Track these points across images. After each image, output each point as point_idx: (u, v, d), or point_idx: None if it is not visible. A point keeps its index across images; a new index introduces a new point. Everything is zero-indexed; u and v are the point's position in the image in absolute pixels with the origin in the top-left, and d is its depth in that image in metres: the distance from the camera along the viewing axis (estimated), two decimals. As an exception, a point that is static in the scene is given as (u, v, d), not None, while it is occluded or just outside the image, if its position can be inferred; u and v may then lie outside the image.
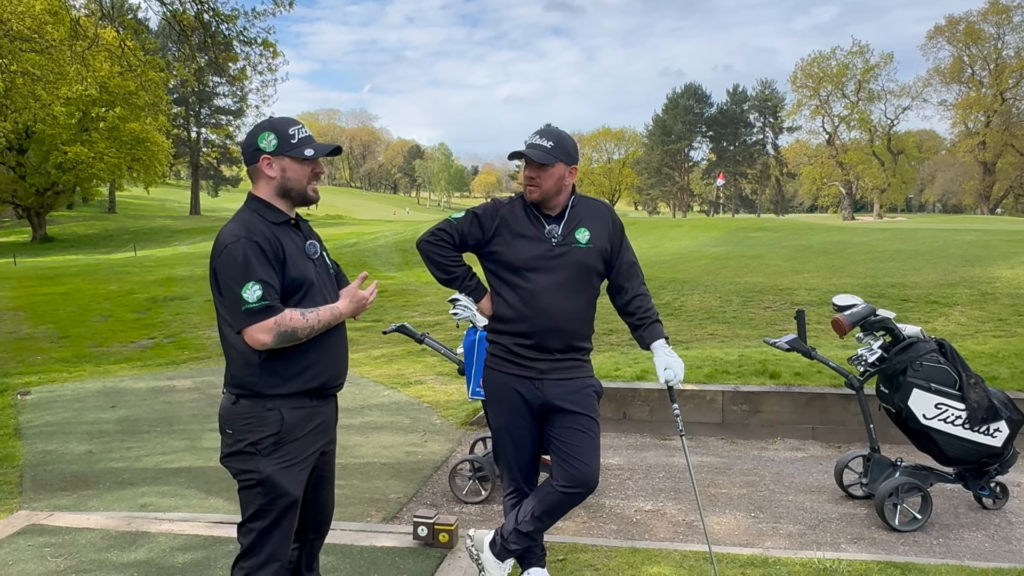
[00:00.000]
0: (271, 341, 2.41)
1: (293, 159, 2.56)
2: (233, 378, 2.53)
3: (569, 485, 3.02)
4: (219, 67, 16.17)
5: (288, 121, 2.60)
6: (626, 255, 3.19)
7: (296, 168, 2.57)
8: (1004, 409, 4.43)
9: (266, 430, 2.48)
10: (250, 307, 2.39)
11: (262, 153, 2.55)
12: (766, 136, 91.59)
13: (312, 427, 2.59)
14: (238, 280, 2.39)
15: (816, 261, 15.53)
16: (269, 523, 2.52)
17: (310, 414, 2.58)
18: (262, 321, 2.40)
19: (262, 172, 2.56)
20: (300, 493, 2.57)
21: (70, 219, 53.08)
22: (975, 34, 60.84)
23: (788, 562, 3.71)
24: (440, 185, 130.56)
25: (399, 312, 12.02)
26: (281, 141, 2.55)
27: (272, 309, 2.41)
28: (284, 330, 2.42)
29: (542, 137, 3.03)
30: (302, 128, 2.60)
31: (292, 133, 2.56)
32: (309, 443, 2.58)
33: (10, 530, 4.14)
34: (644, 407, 6.50)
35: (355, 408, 7.13)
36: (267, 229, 2.49)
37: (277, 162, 2.55)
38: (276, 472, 2.49)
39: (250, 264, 2.40)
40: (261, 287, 2.40)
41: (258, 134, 2.56)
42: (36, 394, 8.04)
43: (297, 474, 2.54)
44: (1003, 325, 8.86)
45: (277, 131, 2.55)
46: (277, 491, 2.49)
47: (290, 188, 2.58)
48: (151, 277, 19.15)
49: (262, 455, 2.49)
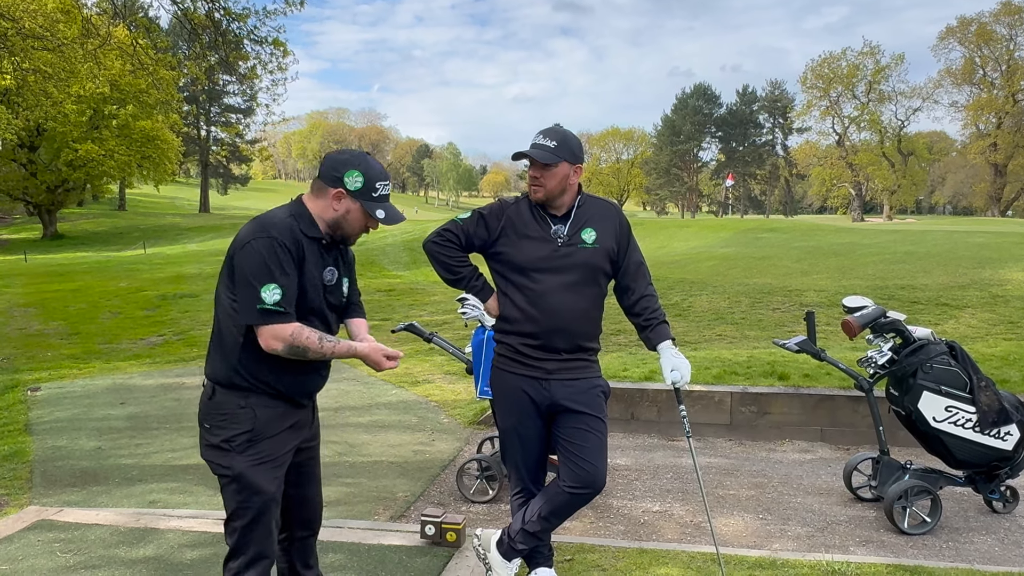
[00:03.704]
0: (281, 349, 2.43)
1: (363, 209, 2.56)
2: (214, 369, 2.55)
3: (576, 485, 3.01)
4: (229, 66, 16.21)
5: (380, 172, 2.58)
6: (633, 255, 3.17)
7: (359, 217, 2.58)
8: (1015, 412, 4.40)
9: (239, 427, 2.50)
10: (265, 307, 2.39)
11: (342, 185, 2.54)
12: (776, 137, 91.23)
13: (286, 425, 2.59)
14: (259, 277, 2.40)
15: (825, 262, 15.48)
16: (249, 520, 2.52)
17: (284, 413, 2.58)
18: (277, 326, 2.41)
19: (329, 198, 2.55)
20: (275, 490, 2.56)
21: (80, 216, 53.33)
22: (987, 35, 60.43)
23: (796, 564, 3.69)
24: (448, 184, 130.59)
25: (407, 311, 12.04)
26: (364, 188, 2.55)
27: (286, 316, 2.43)
28: (297, 345, 2.44)
29: (546, 137, 3.02)
30: (387, 185, 2.61)
31: (378, 187, 2.57)
32: (283, 441, 2.58)
33: (20, 525, 4.17)
34: (652, 408, 6.49)
35: (363, 406, 7.15)
36: (295, 237, 2.49)
37: (348, 202, 2.55)
38: (248, 469, 2.49)
39: (275, 264, 2.41)
40: (280, 292, 2.41)
41: (348, 168, 2.54)
42: (46, 390, 8.09)
43: (271, 471, 2.54)
44: (1014, 328, 8.79)
45: (366, 176, 2.55)
46: (251, 488, 2.50)
47: (342, 227, 2.59)
48: (160, 274, 19.23)
49: (236, 452, 2.50)
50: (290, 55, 16.34)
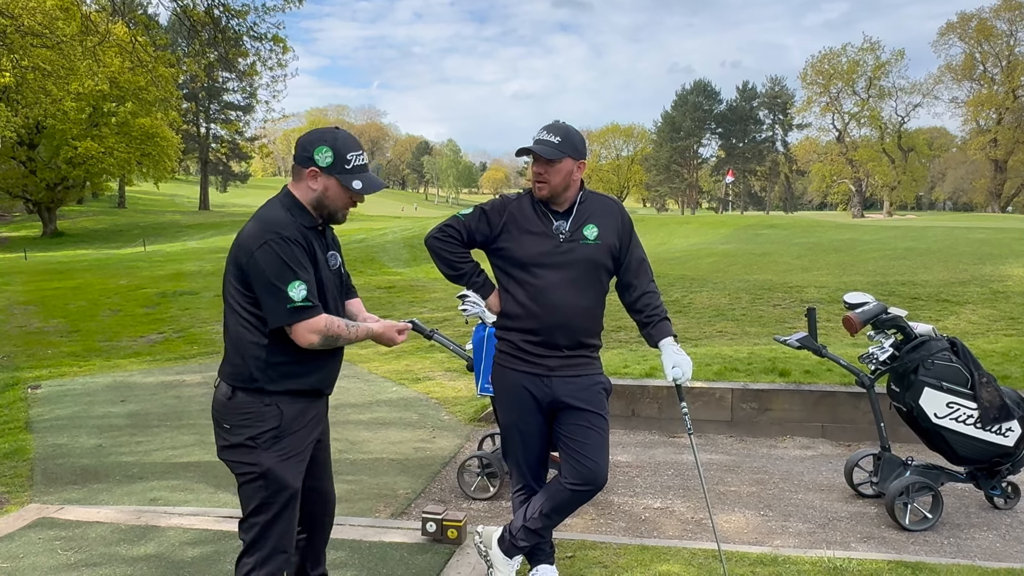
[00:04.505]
0: (318, 342, 2.46)
1: (339, 183, 2.55)
2: (235, 371, 2.54)
3: (578, 482, 3.01)
4: (229, 63, 16.23)
5: (350, 143, 2.57)
6: (635, 252, 3.16)
7: (338, 191, 2.56)
8: (1016, 408, 4.39)
9: (265, 424, 2.51)
10: (296, 305, 2.41)
11: (313, 163, 2.53)
12: (776, 133, 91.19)
13: (308, 420, 2.62)
14: (282, 278, 2.41)
15: (826, 259, 15.47)
16: (272, 516, 2.54)
17: (306, 408, 2.61)
18: (309, 320, 2.44)
19: (305, 179, 2.55)
20: (299, 485, 2.60)
21: (80, 214, 53.35)
22: (987, 31, 60.35)
23: (798, 561, 3.69)
24: (448, 181, 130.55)
25: (408, 308, 12.03)
26: (336, 161, 2.53)
27: (315, 308, 2.46)
28: (331, 334, 2.48)
29: (549, 133, 3.00)
30: (361, 155, 2.59)
31: (349, 158, 2.54)
32: (305, 436, 2.62)
33: (21, 523, 4.16)
34: (653, 404, 6.49)
35: (364, 404, 7.15)
36: (300, 231, 2.51)
37: (323, 179, 2.54)
38: (276, 465, 2.51)
39: (293, 262, 2.43)
40: (305, 287, 2.43)
41: (316, 145, 2.53)
42: (46, 388, 8.09)
43: (296, 466, 2.58)
44: (1014, 324, 8.79)
45: (336, 150, 2.53)
46: (279, 484, 2.52)
47: (325, 206, 2.59)
48: (160, 272, 19.22)
49: (262, 448, 2.51)
50: (289, 52, 16.31)
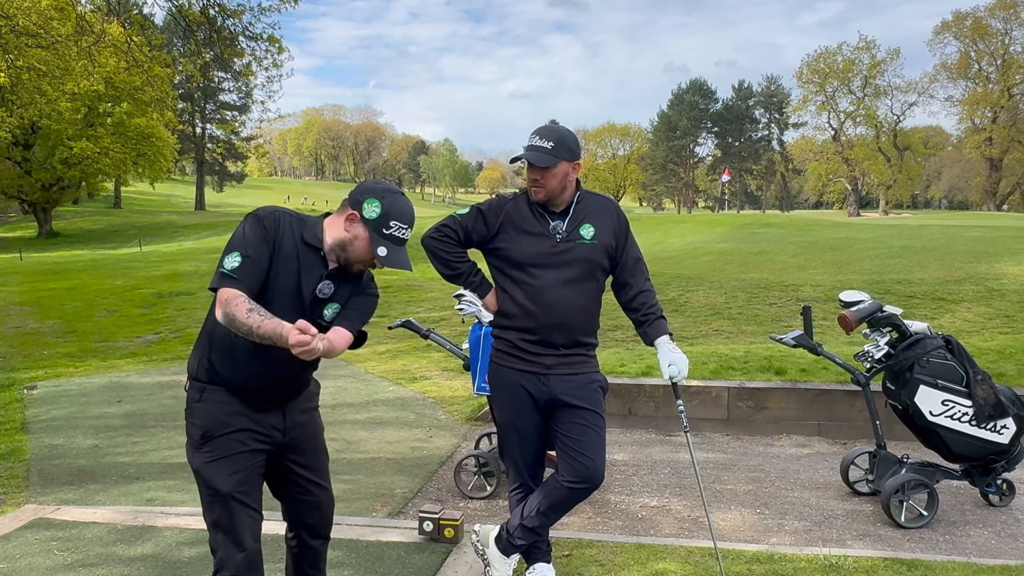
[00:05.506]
0: (220, 316, 2.35)
1: (369, 240, 2.49)
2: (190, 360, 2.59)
3: (574, 481, 3.01)
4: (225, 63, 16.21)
5: (403, 212, 2.51)
6: (631, 251, 3.18)
7: (364, 247, 2.49)
8: (1011, 406, 4.41)
9: (196, 420, 2.51)
10: (223, 272, 2.37)
11: (359, 209, 2.49)
12: (771, 132, 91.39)
13: (239, 425, 2.50)
14: (231, 246, 2.41)
15: (822, 257, 15.51)
16: (215, 518, 2.50)
17: (237, 412, 2.50)
18: (224, 290, 2.35)
19: (344, 218, 2.50)
20: (230, 489, 2.46)
21: (76, 214, 53.20)
22: (982, 29, 60.48)
23: (794, 558, 3.70)
24: (445, 181, 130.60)
25: (404, 307, 12.03)
26: (379, 221, 2.47)
27: (236, 283, 2.35)
28: (227, 312, 2.31)
29: (542, 137, 2.99)
30: (405, 229, 2.52)
31: (392, 224, 2.48)
32: (239, 441, 2.49)
33: (17, 524, 4.16)
34: (649, 403, 6.50)
35: (360, 403, 7.15)
36: (292, 235, 2.48)
37: (359, 227, 2.48)
38: (203, 466, 2.48)
39: (249, 236, 2.42)
40: (240, 260, 2.37)
41: (371, 196, 2.49)
42: (42, 388, 8.07)
43: (225, 468, 2.46)
44: (1010, 322, 8.82)
45: (384, 209, 2.48)
46: (208, 486, 2.48)
47: (345, 251, 2.51)
48: (156, 272, 19.18)
49: (193, 447, 2.51)
50: (285, 51, 16.36)
